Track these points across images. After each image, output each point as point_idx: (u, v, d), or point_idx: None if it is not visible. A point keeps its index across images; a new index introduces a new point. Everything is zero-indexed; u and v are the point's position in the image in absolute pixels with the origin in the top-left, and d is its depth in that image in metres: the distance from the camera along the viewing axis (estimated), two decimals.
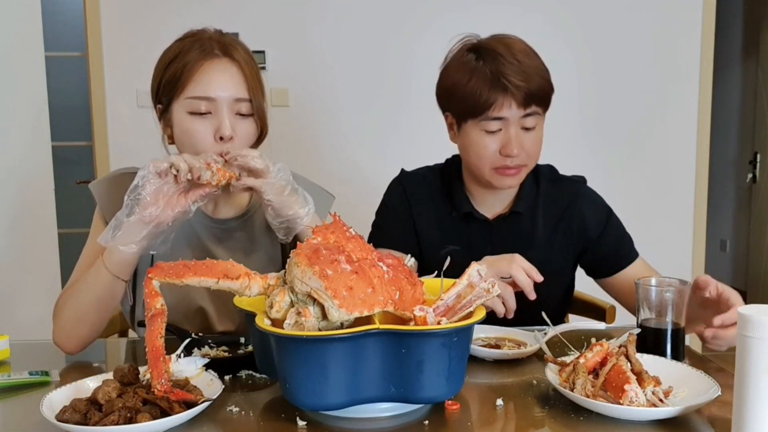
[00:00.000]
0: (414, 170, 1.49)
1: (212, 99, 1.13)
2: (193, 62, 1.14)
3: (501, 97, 1.24)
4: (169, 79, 1.16)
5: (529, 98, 1.25)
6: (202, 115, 1.14)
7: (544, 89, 1.27)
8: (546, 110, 1.31)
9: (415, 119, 3.09)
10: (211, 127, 1.14)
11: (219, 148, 1.12)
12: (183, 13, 2.93)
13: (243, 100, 1.15)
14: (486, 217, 1.38)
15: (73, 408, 0.82)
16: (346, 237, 0.89)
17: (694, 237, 3.29)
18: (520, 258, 1.13)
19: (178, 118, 1.16)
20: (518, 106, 1.25)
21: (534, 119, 1.28)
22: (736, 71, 5.08)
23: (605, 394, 0.88)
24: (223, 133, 1.12)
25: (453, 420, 0.86)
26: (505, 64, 1.24)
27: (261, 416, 0.88)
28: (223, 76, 1.14)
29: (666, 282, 1.07)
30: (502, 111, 1.25)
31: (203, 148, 1.13)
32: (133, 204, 1.03)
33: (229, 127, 1.13)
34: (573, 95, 3.13)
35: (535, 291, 1.12)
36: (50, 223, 2.47)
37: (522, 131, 1.27)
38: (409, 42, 3.08)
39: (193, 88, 1.13)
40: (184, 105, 1.14)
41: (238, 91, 1.15)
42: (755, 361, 0.71)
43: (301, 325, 0.81)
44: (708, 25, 3.17)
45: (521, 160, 1.28)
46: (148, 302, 0.85)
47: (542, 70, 1.28)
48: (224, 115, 1.13)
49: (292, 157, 3.01)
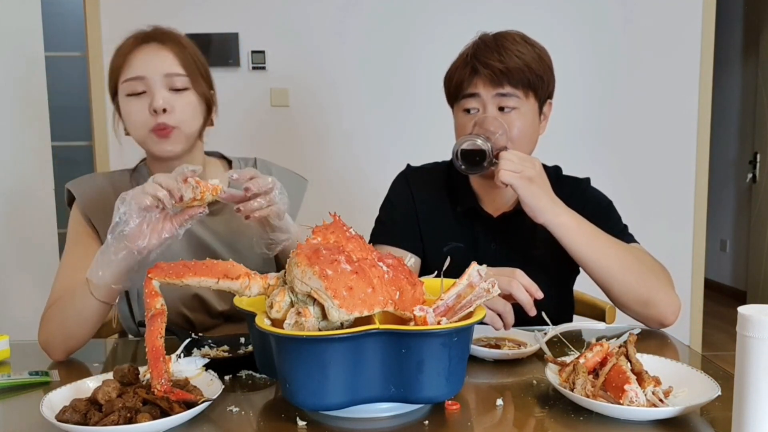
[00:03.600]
0: (420, 165, 1.49)
1: (143, 77, 1.18)
2: (127, 50, 1.21)
3: (473, 76, 1.28)
4: (110, 72, 1.23)
5: (501, 77, 1.25)
6: (138, 95, 1.19)
7: (522, 70, 1.26)
8: (533, 95, 1.29)
9: (415, 119, 3.10)
10: (146, 104, 1.18)
11: (154, 121, 1.17)
12: (183, 13, 2.94)
13: (175, 74, 1.19)
14: (490, 214, 1.38)
15: (73, 408, 0.81)
16: (346, 237, 0.89)
17: (694, 237, 3.29)
18: (520, 274, 1.10)
19: (121, 104, 1.22)
20: (491, 85, 1.26)
21: (513, 101, 1.27)
22: (736, 71, 5.09)
23: (605, 394, 0.88)
24: (155, 105, 1.17)
25: (453, 420, 0.86)
26: (483, 48, 1.28)
27: (261, 416, 0.88)
28: (153, 56, 1.20)
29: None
30: (474, 88, 1.28)
31: (141, 123, 1.19)
32: (119, 240, 1.00)
33: (160, 100, 1.17)
34: (573, 96, 3.13)
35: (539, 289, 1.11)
36: (50, 223, 2.47)
37: (501, 113, 1.28)
38: (410, 42, 3.08)
39: (126, 71, 1.20)
40: (123, 89, 1.20)
41: (169, 67, 1.19)
42: (755, 361, 0.71)
43: (301, 325, 0.81)
44: (708, 25, 3.17)
45: (502, 141, 1.27)
46: (148, 302, 0.85)
47: (526, 54, 1.27)
48: (156, 89, 1.18)
49: (292, 157, 3.01)
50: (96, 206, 1.26)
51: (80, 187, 1.28)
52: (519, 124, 1.28)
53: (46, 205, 2.45)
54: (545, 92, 1.32)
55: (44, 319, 1.16)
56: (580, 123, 3.17)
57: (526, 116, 1.29)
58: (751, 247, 4.86)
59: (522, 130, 1.29)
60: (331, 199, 2.92)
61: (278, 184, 1.08)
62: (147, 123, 1.18)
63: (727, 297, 5.03)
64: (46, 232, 2.45)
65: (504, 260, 1.35)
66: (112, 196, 1.27)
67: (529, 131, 1.30)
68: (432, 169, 1.47)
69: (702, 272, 3.33)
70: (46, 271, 2.42)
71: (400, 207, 1.43)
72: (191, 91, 1.21)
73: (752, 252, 4.84)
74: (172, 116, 1.18)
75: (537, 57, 1.28)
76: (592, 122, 3.18)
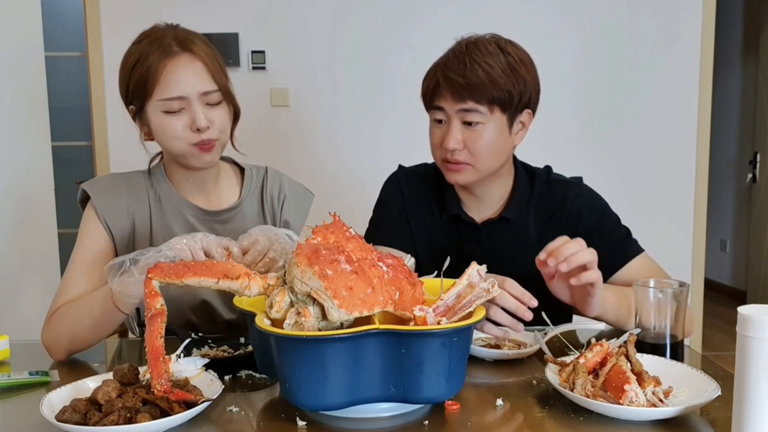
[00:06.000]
0: (411, 167, 1.49)
1: (183, 98, 1.19)
2: (156, 64, 1.18)
3: (438, 88, 1.27)
4: (136, 84, 1.20)
5: (463, 92, 1.24)
6: (175, 113, 1.19)
7: (485, 86, 1.23)
8: (499, 109, 1.25)
9: (415, 119, 3.07)
10: (186, 121, 1.20)
11: (197, 138, 1.19)
12: (183, 13, 2.93)
13: (211, 92, 1.21)
14: (474, 220, 1.38)
15: (73, 408, 0.81)
16: (346, 237, 0.89)
17: (694, 237, 3.28)
18: (510, 283, 1.07)
19: (154, 119, 1.21)
20: (453, 100, 1.25)
21: (476, 116, 1.25)
22: (736, 71, 5.09)
23: (605, 394, 0.88)
24: (198, 125, 1.19)
25: (453, 420, 0.86)
26: (452, 59, 1.26)
27: (261, 416, 0.88)
28: (187, 72, 1.19)
29: (665, 284, 1.05)
30: (440, 101, 1.27)
31: (182, 140, 1.20)
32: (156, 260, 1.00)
33: (203, 119, 1.19)
34: (573, 96, 3.13)
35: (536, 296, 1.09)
36: (50, 223, 2.47)
37: (465, 128, 1.26)
38: (410, 42, 3.08)
39: (162, 90, 1.18)
40: (157, 106, 1.19)
41: (204, 85, 1.20)
42: (755, 361, 0.71)
43: (301, 325, 0.81)
44: (708, 25, 3.17)
45: (462, 156, 1.27)
46: (148, 302, 0.85)
47: (494, 68, 1.23)
48: (196, 108, 1.19)
49: (292, 157, 3.01)
50: (111, 207, 1.27)
51: (96, 187, 1.28)
52: (483, 140, 1.26)
53: (46, 205, 2.45)
54: (518, 104, 1.27)
55: (52, 318, 1.16)
56: (581, 123, 3.17)
57: (491, 131, 1.26)
58: (751, 247, 4.86)
59: (486, 146, 1.26)
60: (331, 199, 2.91)
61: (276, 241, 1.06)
62: (189, 138, 1.20)
63: (727, 297, 5.02)
64: (46, 232, 2.45)
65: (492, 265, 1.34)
66: (127, 196, 1.28)
67: (495, 146, 1.28)
68: (421, 172, 1.46)
69: (702, 272, 3.33)
70: (46, 271, 2.43)
71: (392, 208, 1.43)
72: (224, 102, 1.23)
73: (752, 252, 4.84)
74: (212, 130, 1.21)
75: (508, 68, 1.24)
76: (592, 122, 3.18)
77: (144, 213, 1.29)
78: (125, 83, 1.22)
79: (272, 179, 1.40)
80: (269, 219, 1.38)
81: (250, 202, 1.37)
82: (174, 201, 1.31)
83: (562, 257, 1.05)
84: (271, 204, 1.38)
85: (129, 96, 1.23)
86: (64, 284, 1.21)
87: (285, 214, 1.39)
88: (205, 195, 1.33)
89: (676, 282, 1.05)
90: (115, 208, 1.27)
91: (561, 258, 1.05)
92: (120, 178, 1.32)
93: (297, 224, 1.39)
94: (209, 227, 1.31)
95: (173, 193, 1.31)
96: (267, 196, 1.38)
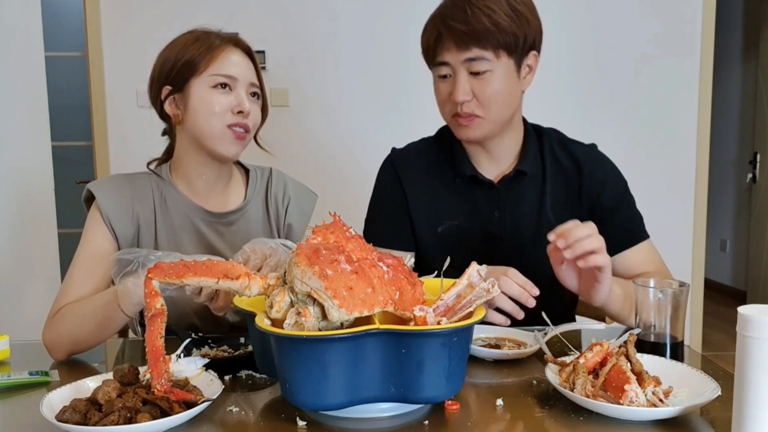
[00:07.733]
0: (405, 146, 1.45)
1: (234, 78, 1.25)
2: (216, 46, 1.25)
3: (440, 41, 1.23)
4: (189, 59, 1.24)
5: (468, 40, 1.19)
6: (223, 91, 1.24)
7: (490, 31, 1.18)
8: (506, 53, 1.21)
9: (415, 119, 3.08)
10: (231, 101, 1.24)
11: (236, 120, 1.24)
12: (183, 13, 2.93)
13: (255, 85, 1.29)
14: (491, 180, 1.34)
15: (73, 408, 0.81)
16: (346, 237, 0.89)
17: (694, 237, 3.29)
18: (513, 272, 1.09)
19: (199, 93, 1.24)
20: (457, 50, 1.21)
21: (483, 64, 1.21)
22: (736, 71, 5.09)
23: (605, 394, 0.88)
24: (243, 107, 1.24)
25: (453, 420, 0.86)
26: (451, 7, 1.23)
27: (261, 416, 0.88)
28: (241, 60, 1.27)
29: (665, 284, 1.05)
30: (443, 54, 1.24)
31: (220, 119, 1.24)
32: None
33: (248, 104, 1.25)
34: (572, 97, 3.14)
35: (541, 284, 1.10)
36: (50, 223, 2.47)
37: (472, 78, 1.23)
38: (410, 42, 3.07)
39: (217, 66, 1.24)
40: (207, 81, 1.24)
41: (252, 77, 1.28)
42: (755, 361, 0.71)
43: (301, 325, 0.81)
44: (708, 25, 3.17)
45: (472, 108, 1.24)
46: (148, 302, 0.85)
47: (496, 11, 1.19)
48: (243, 93, 1.26)
49: (292, 157, 3.01)
50: (116, 208, 1.26)
51: (101, 188, 1.28)
52: (492, 88, 1.22)
53: (46, 205, 2.44)
54: (524, 47, 1.24)
55: (54, 318, 1.16)
56: (581, 124, 3.17)
57: (500, 78, 1.23)
58: (751, 247, 4.86)
59: (496, 93, 1.23)
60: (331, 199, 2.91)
61: (269, 256, 1.08)
62: (227, 118, 1.24)
63: (727, 297, 5.03)
64: (46, 232, 2.45)
65: (508, 228, 1.33)
66: (132, 198, 1.28)
67: (504, 93, 1.24)
68: (419, 147, 1.43)
69: (702, 272, 3.33)
70: (46, 271, 2.42)
71: (388, 199, 1.40)
72: (261, 101, 1.31)
73: (752, 252, 4.84)
74: (250, 120, 1.26)
75: (511, 11, 1.20)
76: (592, 122, 3.18)
77: (149, 215, 1.29)
78: (172, 61, 1.25)
79: (277, 181, 1.41)
80: (273, 221, 1.38)
81: (254, 203, 1.37)
82: (179, 203, 1.31)
83: (572, 239, 1.04)
84: (276, 206, 1.39)
85: (172, 74, 1.25)
86: (67, 284, 1.21)
87: (289, 217, 1.39)
88: (213, 196, 1.33)
89: (676, 282, 1.05)
90: (119, 210, 1.27)
91: (571, 240, 1.04)
92: (125, 180, 1.32)
93: (300, 227, 1.39)
94: (214, 229, 1.31)
95: (178, 194, 1.31)
96: (271, 198, 1.38)
